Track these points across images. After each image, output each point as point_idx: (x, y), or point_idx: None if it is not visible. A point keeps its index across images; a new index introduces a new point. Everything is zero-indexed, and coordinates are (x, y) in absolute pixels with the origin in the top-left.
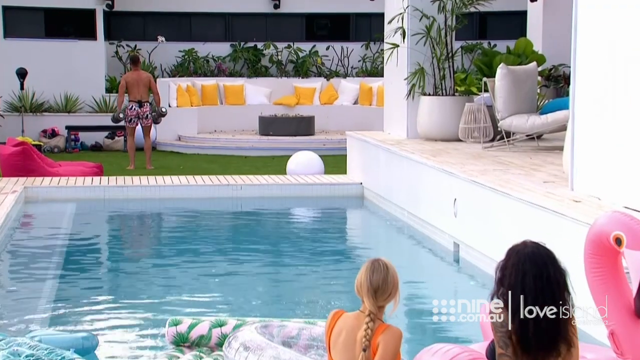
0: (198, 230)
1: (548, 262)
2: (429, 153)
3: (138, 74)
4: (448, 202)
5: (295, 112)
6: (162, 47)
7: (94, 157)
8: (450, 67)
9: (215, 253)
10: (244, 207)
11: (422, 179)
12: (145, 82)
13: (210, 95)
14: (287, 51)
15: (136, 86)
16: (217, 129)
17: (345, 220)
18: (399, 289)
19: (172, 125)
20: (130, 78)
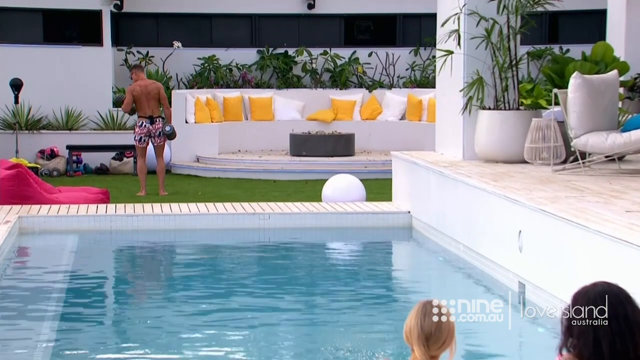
0: (219, 267)
1: (624, 301)
2: (489, 177)
3: (145, 84)
4: (512, 234)
5: (332, 128)
6: (178, 54)
7: (99, 182)
8: (515, 76)
9: (238, 294)
10: (273, 239)
11: (481, 207)
12: (155, 93)
13: (233, 110)
14: (323, 58)
15: (145, 99)
16: (241, 149)
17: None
18: (454, 336)
19: (189, 144)
20: (138, 91)
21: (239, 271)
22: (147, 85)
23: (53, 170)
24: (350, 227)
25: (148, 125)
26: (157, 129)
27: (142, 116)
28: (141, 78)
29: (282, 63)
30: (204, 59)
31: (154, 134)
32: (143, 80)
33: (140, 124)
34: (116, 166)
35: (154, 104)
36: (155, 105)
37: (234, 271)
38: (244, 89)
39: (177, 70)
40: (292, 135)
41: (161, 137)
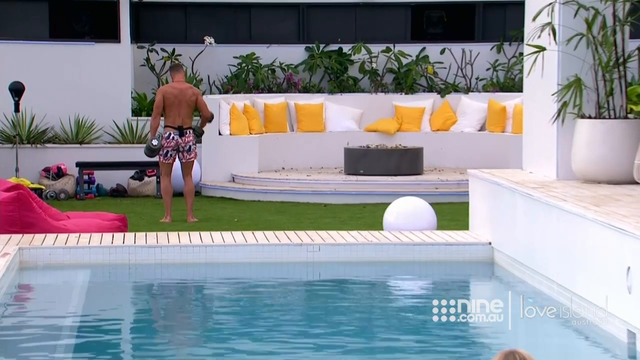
0: (259, 308)
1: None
2: (589, 201)
3: (181, 88)
4: (618, 272)
5: (396, 141)
6: (210, 52)
7: (115, 206)
8: (622, 77)
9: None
10: (324, 275)
11: (579, 238)
12: (191, 101)
13: (276, 119)
14: (385, 56)
15: (177, 106)
16: (285, 166)
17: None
18: None
19: (223, 160)
20: (171, 94)
21: (282, 314)
22: (183, 90)
23: (60, 192)
24: (417, 261)
25: (176, 137)
26: (187, 142)
27: (169, 126)
28: (177, 80)
29: (336, 62)
30: (241, 57)
31: (182, 149)
32: (179, 84)
33: (166, 135)
34: (135, 187)
35: (187, 112)
36: (188, 115)
37: (276, 314)
38: (289, 94)
39: (209, 72)
40: (347, 150)
41: (191, 153)
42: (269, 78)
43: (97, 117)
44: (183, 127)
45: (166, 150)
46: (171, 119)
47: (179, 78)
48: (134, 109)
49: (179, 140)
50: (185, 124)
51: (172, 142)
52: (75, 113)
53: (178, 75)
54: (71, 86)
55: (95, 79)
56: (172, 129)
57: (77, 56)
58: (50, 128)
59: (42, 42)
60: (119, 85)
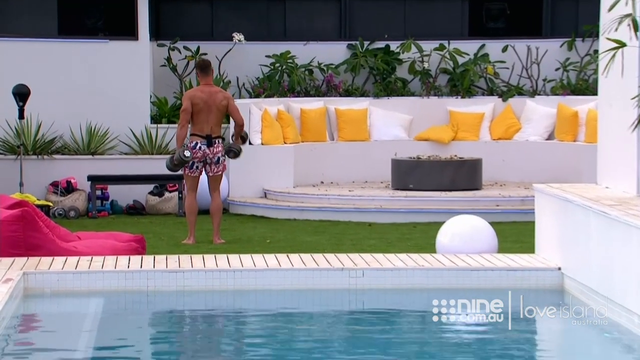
0: (295, 341)
1: None
2: None
3: (210, 92)
4: None
5: (451, 152)
6: (239, 50)
7: (131, 225)
8: None
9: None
10: (368, 304)
11: None
12: (222, 106)
13: (314, 126)
14: (439, 55)
15: (206, 112)
16: (325, 180)
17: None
18: None
19: (254, 174)
20: (199, 98)
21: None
22: (213, 94)
23: (70, 209)
24: (475, 288)
25: (204, 147)
26: (216, 154)
27: (196, 134)
28: (206, 82)
29: (382, 62)
30: (275, 57)
31: (210, 161)
32: (208, 86)
33: (193, 144)
34: (155, 204)
35: (217, 119)
36: (217, 122)
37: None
38: (328, 98)
39: (238, 73)
40: (394, 162)
41: (220, 165)
42: (306, 80)
43: (112, 125)
44: (212, 137)
45: (192, 161)
46: (199, 126)
47: (208, 80)
48: (153, 116)
49: (206, 151)
50: (214, 132)
51: (199, 152)
52: (87, 120)
53: (207, 77)
54: (82, 89)
55: (110, 81)
56: (199, 138)
57: (89, 55)
58: (59, 137)
59: (49, 40)
60: (136, 89)
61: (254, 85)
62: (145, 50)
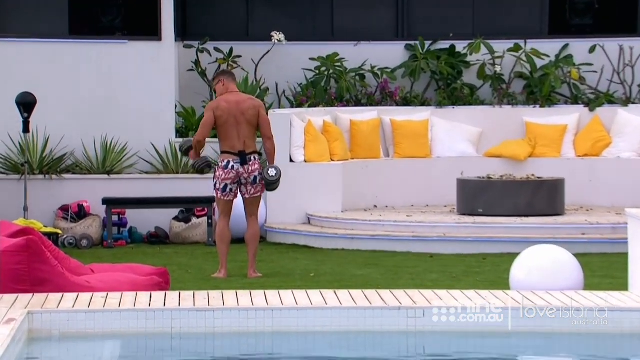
0: None
1: None
2: None
3: (237, 101)
4: None
5: (528, 170)
6: (278, 52)
7: (153, 256)
8: None
9: None
10: (430, 349)
11: None
12: (251, 116)
13: (367, 140)
14: (513, 57)
15: (234, 125)
16: (379, 204)
17: None
18: None
19: (295, 196)
20: (224, 110)
21: None
22: (240, 102)
23: (82, 238)
24: (558, 332)
25: (237, 166)
26: (252, 172)
27: (227, 152)
28: (230, 90)
29: (446, 65)
30: (321, 59)
31: (245, 181)
32: (233, 94)
33: (224, 163)
34: (180, 231)
35: (248, 132)
36: (250, 135)
37: None
38: (383, 107)
39: (278, 78)
40: (461, 182)
41: (258, 186)
42: (357, 86)
43: (131, 139)
44: (245, 152)
45: (224, 183)
46: (229, 142)
47: (233, 86)
48: (179, 128)
49: (240, 169)
50: (247, 147)
51: (231, 173)
52: (101, 134)
53: (232, 84)
54: (97, 98)
55: (129, 88)
56: (231, 156)
57: (104, 58)
58: (69, 153)
59: (58, 40)
60: (159, 97)
61: (295, 92)
62: (170, 52)
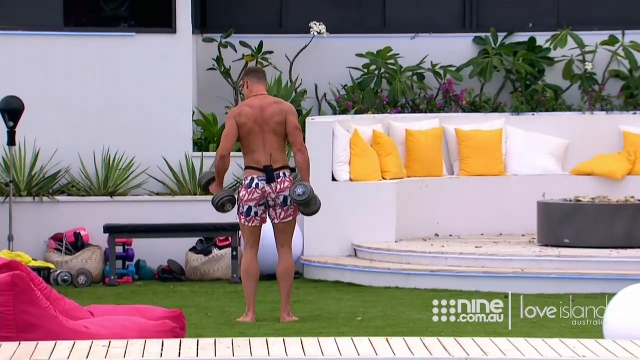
0: None
1: None
2: None
3: (262, 105)
4: None
5: (626, 191)
6: (318, 47)
7: (165, 296)
8: None
9: None
10: None
11: None
12: (277, 123)
13: (426, 155)
14: (607, 51)
15: (259, 134)
16: (440, 232)
17: None
18: None
19: (338, 223)
20: (249, 116)
21: None
22: (265, 107)
23: (79, 273)
24: None
25: (262, 184)
26: (281, 192)
27: (251, 167)
28: (256, 92)
29: (524, 62)
30: (370, 55)
31: (273, 202)
32: (258, 98)
33: (248, 181)
34: (199, 265)
35: (276, 143)
36: (278, 146)
37: None
38: (446, 114)
39: (317, 78)
40: (542, 206)
41: (289, 208)
42: (414, 88)
43: (139, 153)
44: (272, 168)
45: (247, 205)
46: (253, 155)
47: (260, 88)
48: (197, 140)
49: (266, 188)
50: (275, 161)
51: (255, 192)
52: (103, 146)
53: (258, 85)
54: (97, 103)
55: (136, 91)
56: (255, 172)
57: (107, 55)
58: (64, 170)
59: (51, 33)
60: (173, 102)
61: (339, 96)
62: (187, 47)
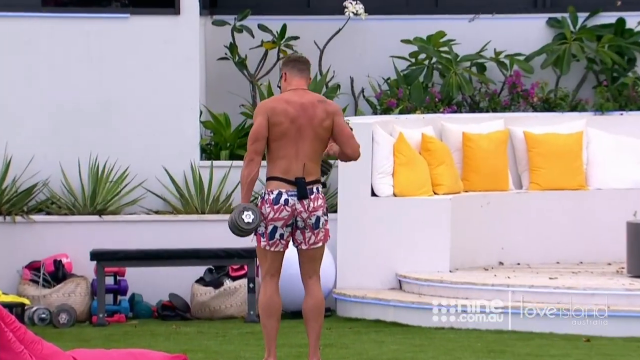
0: None
1: None
2: None
3: (303, 103)
4: None
5: None
6: (355, 31)
7: (166, 338)
8: None
9: None
10: None
11: None
12: (322, 127)
13: (488, 164)
14: None
15: (295, 138)
16: (506, 259)
17: None
18: None
19: (379, 248)
20: (284, 112)
21: None
22: (309, 107)
23: (60, 310)
24: None
25: (293, 200)
26: (314, 211)
27: (280, 178)
28: (295, 86)
29: (610, 50)
30: (419, 42)
31: (303, 224)
32: (298, 93)
33: (275, 196)
34: (207, 300)
35: (313, 150)
36: (315, 156)
37: None
38: (514, 114)
39: (353, 70)
40: (632, 227)
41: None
42: (474, 82)
43: (134, 162)
44: (305, 181)
45: (272, 226)
46: (282, 164)
47: (300, 82)
48: (205, 146)
49: (297, 207)
50: (309, 173)
51: (284, 210)
52: (89, 153)
53: (298, 78)
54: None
55: (131, 85)
56: (283, 185)
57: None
58: (42, 184)
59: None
60: (176, 99)
61: (380, 92)
62: (193, 32)
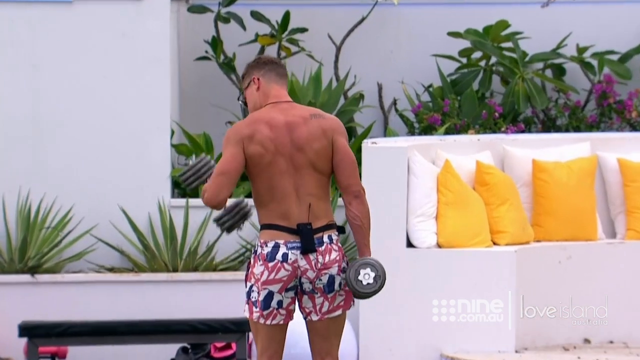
0: None
1: None
2: None
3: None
4: None
5: None
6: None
7: None
8: None
9: None
10: None
11: None
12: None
13: (568, 202)
14: None
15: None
16: (592, 335)
17: None
18: None
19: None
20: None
21: None
22: (297, 125)
23: None
24: None
25: (294, 255)
26: (325, 269)
27: (276, 226)
28: (277, 98)
29: None
30: (471, 34)
31: (312, 287)
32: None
33: (269, 250)
34: None
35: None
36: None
37: None
38: (604, 134)
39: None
40: None
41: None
42: (548, 90)
43: (79, 200)
44: (310, 227)
45: (266, 291)
46: (277, 207)
47: (282, 92)
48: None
49: (300, 263)
50: (317, 217)
51: (281, 269)
52: (18, 188)
53: (278, 86)
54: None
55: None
56: (280, 235)
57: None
58: None
59: None
60: (139, 114)
61: (419, 104)
62: (161, 22)
